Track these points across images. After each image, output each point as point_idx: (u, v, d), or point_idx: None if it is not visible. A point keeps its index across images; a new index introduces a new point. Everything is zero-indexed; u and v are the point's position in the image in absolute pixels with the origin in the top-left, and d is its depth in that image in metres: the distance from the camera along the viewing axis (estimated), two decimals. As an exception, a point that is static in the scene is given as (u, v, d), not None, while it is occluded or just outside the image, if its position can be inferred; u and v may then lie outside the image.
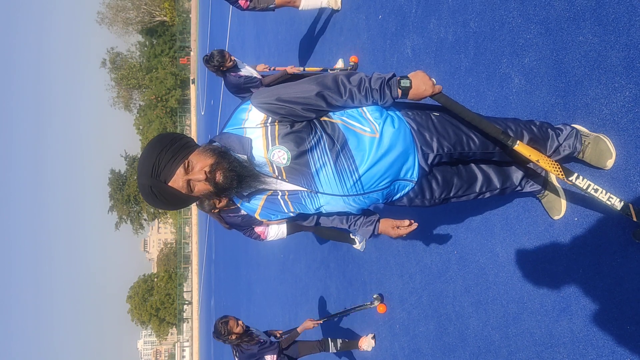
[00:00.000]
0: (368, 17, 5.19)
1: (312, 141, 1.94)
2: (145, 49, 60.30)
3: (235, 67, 5.65)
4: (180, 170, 1.80)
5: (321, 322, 5.12)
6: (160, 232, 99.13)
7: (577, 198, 2.55)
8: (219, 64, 5.64)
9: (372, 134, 2.02)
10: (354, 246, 5.50)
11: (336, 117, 2.02)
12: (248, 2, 5.94)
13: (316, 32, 7.23)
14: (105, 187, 63.18)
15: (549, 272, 2.70)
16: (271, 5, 6.07)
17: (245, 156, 1.91)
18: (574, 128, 2.38)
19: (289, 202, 2.04)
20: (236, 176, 1.86)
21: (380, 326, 4.80)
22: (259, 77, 5.76)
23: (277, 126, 1.92)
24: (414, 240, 4.20)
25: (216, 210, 4.77)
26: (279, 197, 2.03)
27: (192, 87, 47.32)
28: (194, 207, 43.68)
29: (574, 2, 2.54)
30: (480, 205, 3.28)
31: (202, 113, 32.41)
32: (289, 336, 5.00)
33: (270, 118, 1.92)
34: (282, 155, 1.92)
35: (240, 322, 4.68)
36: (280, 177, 1.96)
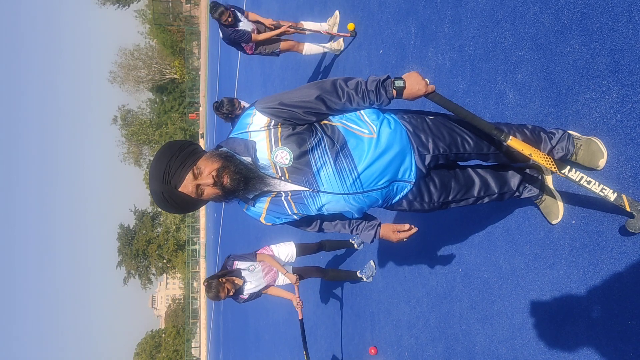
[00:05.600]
0: (369, 53, 5.40)
1: (313, 142, 2.04)
2: (156, 105, 61.68)
3: None
4: (189, 176, 1.90)
5: None
6: (168, 288, 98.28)
7: (573, 200, 2.61)
8: (229, 112, 5.86)
9: (370, 134, 2.12)
10: (355, 247, 5.74)
11: (336, 120, 2.14)
12: (253, 49, 6.21)
13: (320, 74, 7.47)
14: (114, 242, 63.25)
15: (550, 277, 2.74)
16: (276, 50, 6.34)
17: (250, 158, 2.01)
18: (566, 131, 2.48)
19: (292, 203, 2.12)
20: (242, 178, 1.96)
21: (389, 355, 4.76)
22: None
23: (279, 129, 2.02)
24: (420, 263, 4.23)
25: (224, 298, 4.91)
26: (282, 198, 2.11)
27: (201, 142, 48.06)
28: (202, 261, 43.55)
29: (561, 16, 2.69)
30: (482, 218, 3.34)
31: (211, 165, 32.77)
32: None
33: (273, 121, 2.02)
34: (284, 156, 2.01)
35: None
36: (283, 178, 2.05)
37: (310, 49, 6.44)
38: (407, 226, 2.43)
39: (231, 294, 4.85)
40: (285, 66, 9.70)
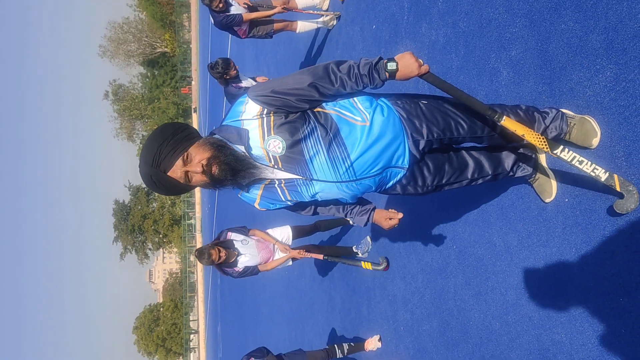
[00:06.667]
0: (362, 28, 5.35)
1: (306, 130, 2.03)
2: (147, 80, 61.10)
3: (237, 78, 5.82)
4: (179, 162, 1.91)
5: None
6: (165, 262, 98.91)
7: (566, 179, 2.63)
8: (223, 71, 5.81)
9: (362, 122, 2.11)
10: (350, 222, 5.67)
11: (329, 108, 2.12)
12: (247, 32, 6.13)
13: (314, 49, 7.41)
14: (109, 218, 63.35)
15: (543, 254, 2.77)
16: (270, 32, 6.26)
17: (243, 147, 2.01)
18: (559, 110, 2.48)
19: (286, 190, 2.13)
20: (230, 170, 1.97)
21: (385, 330, 4.83)
22: None
23: (272, 117, 2.01)
24: (415, 240, 4.26)
25: (215, 265, 4.85)
26: (276, 185, 2.12)
27: (194, 116, 47.77)
28: (198, 235, 43.72)
29: (555, -7, 2.66)
30: (476, 197, 3.36)
31: (205, 140, 32.66)
32: None
33: (265, 110, 2.01)
34: (277, 145, 2.01)
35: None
36: (276, 166, 2.06)
37: (303, 26, 6.39)
38: (401, 214, 2.48)
39: (222, 255, 4.76)
40: (278, 40, 9.57)
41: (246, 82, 5.99)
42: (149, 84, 60.36)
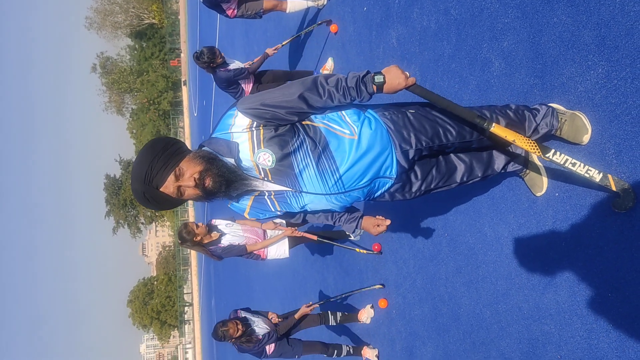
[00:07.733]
0: (353, 9, 5.27)
1: (296, 144, 2.04)
2: (135, 52, 60.13)
3: (224, 63, 5.77)
4: (171, 177, 1.91)
5: (317, 305, 5.17)
6: (158, 236, 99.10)
7: (557, 174, 2.64)
8: (209, 60, 5.75)
9: (351, 135, 2.12)
10: (351, 238, 5.60)
11: (318, 121, 2.13)
12: (235, 11, 6.04)
13: (304, 27, 7.30)
14: (101, 193, 63.17)
15: (533, 247, 2.80)
16: (259, 12, 6.17)
17: (233, 159, 2.01)
18: (550, 107, 2.48)
19: (275, 202, 2.15)
20: (224, 181, 1.98)
21: (378, 312, 4.90)
22: (246, 66, 5.89)
23: (262, 130, 2.02)
24: (407, 227, 4.29)
25: (198, 238, 4.76)
26: (265, 197, 2.14)
27: (184, 89, 47.28)
28: (190, 209, 43.69)
29: (547, -15, 2.63)
30: (468, 187, 3.37)
31: (195, 114, 32.43)
32: (285, 323, 5.05)
33: (255, 122, 2.01)
34: (267, 158, 2.02)
35: (239, 326, 4.67)
36: (266, 179, 2.07)
37: (293, 6, 6.30)
38: (388, 221, 2.52)
39: (200, 225, 4.76)
40: (267, 17, 9.40)
41: (234, 65, 5.92)
42: (137, 57, 59.43)
